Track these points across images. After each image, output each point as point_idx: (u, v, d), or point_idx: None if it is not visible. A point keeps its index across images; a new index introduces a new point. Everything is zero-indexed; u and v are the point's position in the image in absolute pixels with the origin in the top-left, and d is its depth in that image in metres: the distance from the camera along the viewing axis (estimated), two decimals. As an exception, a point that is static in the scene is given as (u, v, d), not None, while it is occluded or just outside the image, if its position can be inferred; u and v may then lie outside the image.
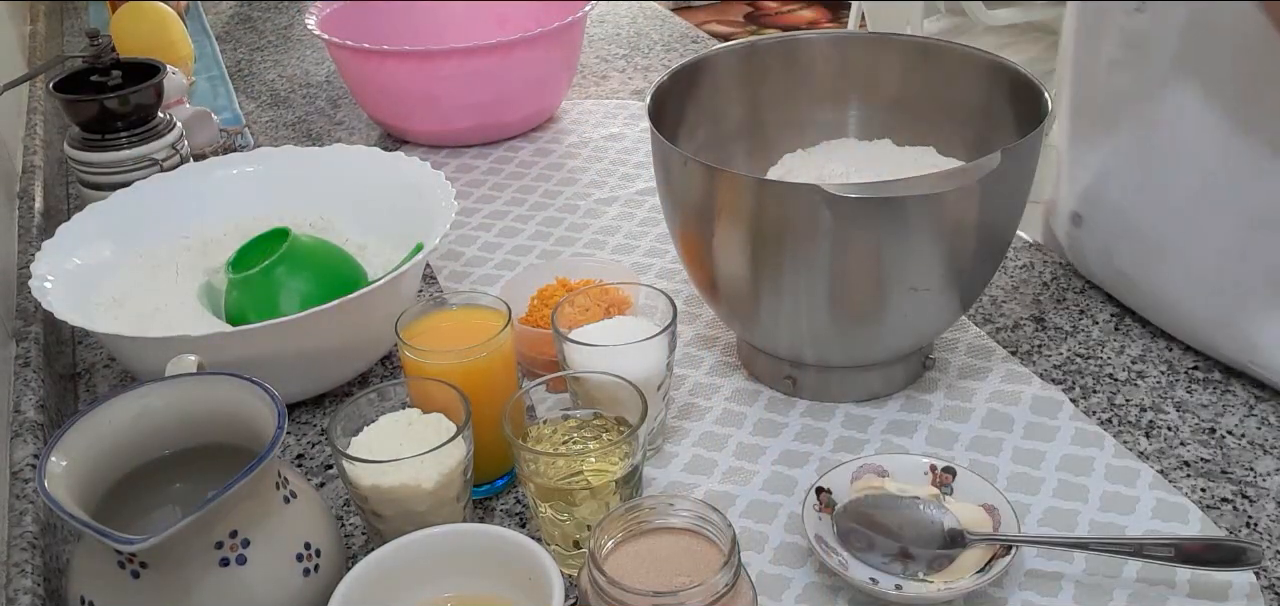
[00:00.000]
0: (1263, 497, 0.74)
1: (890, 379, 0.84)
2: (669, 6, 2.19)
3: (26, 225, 1.12)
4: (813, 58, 0.93)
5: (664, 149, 0.80)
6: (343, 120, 1.41)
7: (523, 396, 0.73)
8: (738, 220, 0.77)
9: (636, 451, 0.69)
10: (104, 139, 1.09)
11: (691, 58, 0.90)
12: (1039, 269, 1.00)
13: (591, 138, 1.31)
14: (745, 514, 0.75)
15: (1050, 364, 0.87)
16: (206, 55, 1.63)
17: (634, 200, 1.16)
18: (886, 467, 0.73)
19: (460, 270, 1.06)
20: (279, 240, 0.90)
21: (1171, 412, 0.82)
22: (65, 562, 0.75)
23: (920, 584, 0.67)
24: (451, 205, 0.94)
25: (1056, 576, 0.68)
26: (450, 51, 1.22)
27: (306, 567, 0.62)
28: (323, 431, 0.86)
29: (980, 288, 0.82)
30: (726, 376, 0.88)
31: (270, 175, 1.04)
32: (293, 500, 0.64)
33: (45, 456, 0.60)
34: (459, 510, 0.70)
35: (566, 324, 0.80)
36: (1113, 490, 0.75)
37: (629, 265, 1.03)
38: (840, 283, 0.76)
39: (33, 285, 0.85)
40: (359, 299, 0.82)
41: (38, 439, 0.81)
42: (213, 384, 0.66)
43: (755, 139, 0.94)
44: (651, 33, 1.65)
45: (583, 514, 0.68)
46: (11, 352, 0.90)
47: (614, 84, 1.47)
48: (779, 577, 0.70)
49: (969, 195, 0.74)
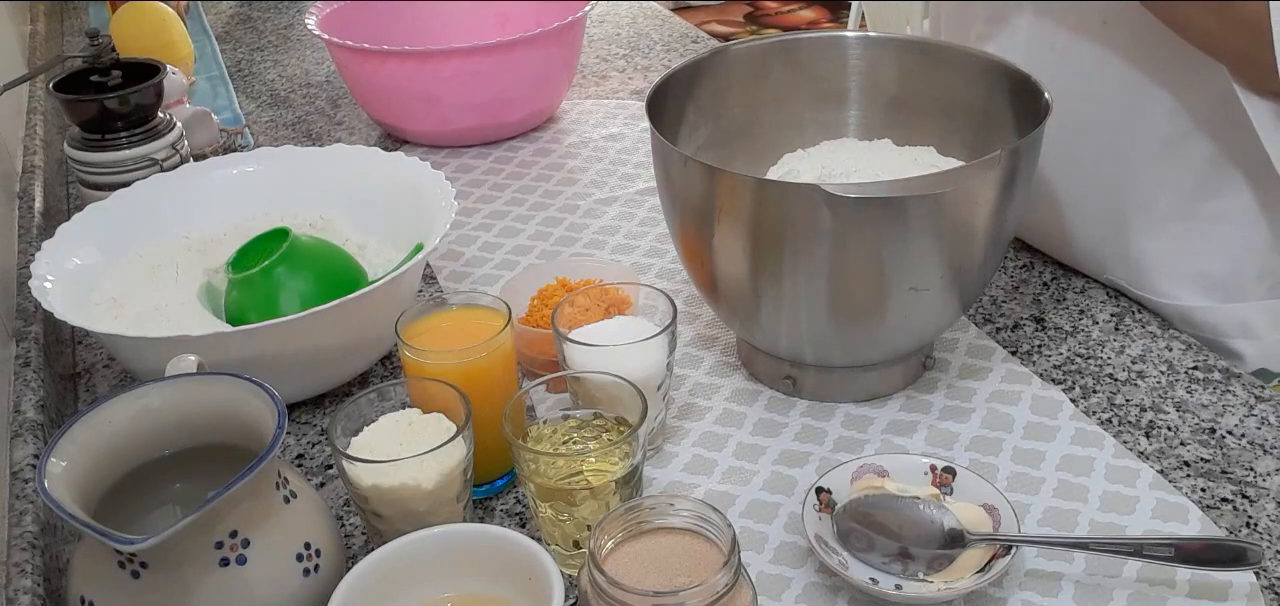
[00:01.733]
0: (1263, 497, 0.74)
1: (890, 379, 0.84)
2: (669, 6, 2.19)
3: (26, 225, 1.12)
4: (813, 58, 0.93)
5: (664, 149, 0.80)
6: (343, 120, 1.41)
7: (523, 396, 0.73)
8: (738, 220, 0.77)
9: (636, 451, 0.69)
10: (104, 139, 1.09)
11: (691, 58, 0.90)
12: (1039, 269, 1.00)
13: (591, 138, 1.31)
14: (745, 514, 0.75)
15: (1050, 364, 0.87)
16: (206, 55, 1.64)
17: (634, 200, 1.16)
18: (886, 467, 0.73)
19: (460, 270, 1.06)
20: (279, 240, 0.90)
21: (1171, 412, 0.82)
22: (65, 562, 0.75)
23: (920, 584, 0.67)
24: (451, 205, 0.94)
25: (1056, 576, 0.68)
26: (450, 51, 1.22)
27: (306, 567, 0.62)
28: (323, 431, 0.86)
29: (980, 288, 0.82)
30: (726, 376, 0.88)
31: (270, 175, 1.04)
32: (293, 500, 0.64)
33: (45, 456, 0.60)
34: (459, 510, 0.70)
35: (566, 324, 0.80)
36: (1113, 490, 0.75)
37: (629, 265, 1.03)
38: (840, 283, 0.76)
39: (33, 285, 0.85)
40: (359, 299, 0.82)
41: (38, 439, 0.81)
42: (213, 384, 0.66)
43: (755, 139, 0.94)
44: (651, 33, 1.65)
45: (583, 514, 0.68)
46: (11, 352, 0.90)
47: (614, 84, 1.47)
48: (779, 577, 0.70)
49: (969, 195, 0.74)
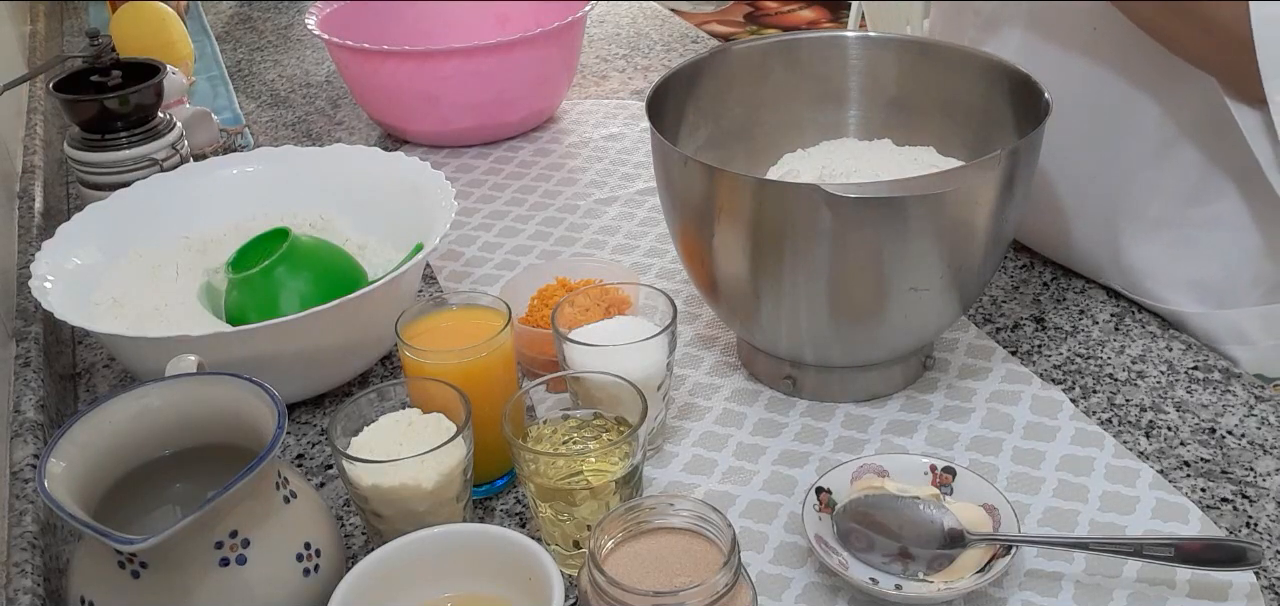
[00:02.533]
0: (1263, 497, 0.74)
1: (890, 379, 0.84)
2: (669, 6, 2.19)
3: (26, 225, 1.12)
4: (813, 58, 0.93)
5: (664, 149, 0.80)
6: (343, 120, 1.41)
7: (523, 396, 0.73)
8: (738, 220, 0.77)
9: (636, 451, 0.69)
10: (104, 139, 1.09)
11: (691, 58, 0.90)
12: (1039, 269, 1.00)
13: (591, 138, 1.31)
14: (745, 514, 0.75)
15: (1050, 364, 0.87)
16: (206, 55, 1.63)
17: (634, 200, 1.16)
18: (886, 467, 0.73)
19: (460, 270, 1.06)
20: (279, 240, 0.90)
21: (1171, 412, 0.82)
22: (65, 562, 0.75)
23: (920, 584, 0.67)
24: (451, 205, 0.94)
25: (1056, 576, 0.68)
26: (450, 51, 1.22)
27: (306, 567, 0.62)
28: (323, 431, 0.86)
29: (980, 288, 0.82)
30: (726, 376, 0.88)
31: (270, 175, 1.04)
32: (293, 500, 0.64)
33: (45, 456, 0.60)
34: (459, 510, 0.70)
35: (566, 324, 0.80)
36: (1113, 490, 0.75)
37: (629, 265, 1.03)
38: (840, 282, 0.76)
39: (33, 285, 0.85)
40: (359, 299, 0.82)
41: (38, 439, 0.81)
42: (213, 384, 0.66)
43: (755, 139, 0.93)
44: (651, 33, 1.65)
45: (583, 514, 0.68)
46: (11, 352, 0.90)
47: (614, 84, 1.47)
48: (779, 577, 0.70)
49: (969, 195, 0.74)
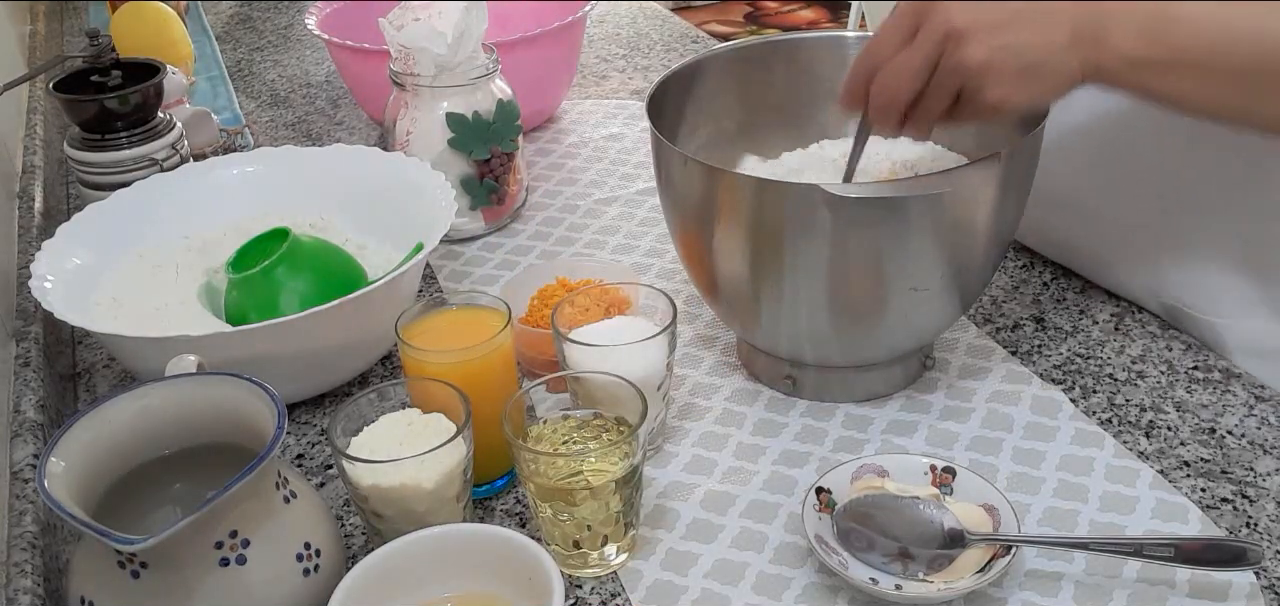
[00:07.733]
0: (1263, 497, 0.74)
1: (890, 379, 0.84)
2: (669, 6, 2.19)
3: (26, 225, 1.12)
4: (813, 58, 0.93)
5: (664, 149, 0.80)
6: (343, 120, 1.41)
7: (523, 396, 0.73)
8: (738, 220, 0.77)
9: (636, 451, 0.69)
10: (104, 139, 1.09)
11: (691, 58, 0.90)
12: (1039, 269, 1.00)
13: (591, 138, 1.31)
14: (745, 514, 0.75)
15: (1050, 364, 0.87)
16: (206, 55, 1.64)
17: (634, 200, 1.16)
18: (886, 467, 0.73)
19: (460, 270, 1.06)
20: (279, 240, 0.90)
21: (1171, 412, 0.82)
22: (65, 562, 0.75)
23: (920, 584, 0.67)
24: (451, 205, 0.94)
25: (1056, 576, 0.68)
26: (450, 51, 1.21)
27: (306, 567, 0.62)
28: (323, 431, 0.86)
29: (980, 288, 0.82)
30: (726, 376, 0.88)
31: (270, 175, 1.04)
32: (293, 500, 0.64)
33: (45, 456, 0.60)
34: (459, 510, 0.70)
35: (566, 324, 0.80)
36: (1113, 490, 0.75)
37: (629, 265, 1.03)
38: (840, 283, 0.76)
39: (33, 285, 0.85)
40: (359, 299, 0.82)
41: (38, 439, 0.81)
42: (213, 384, 0.66)
43: (755, 139, 0.93)
44: (651, 33, 1.65)
45: (583, 514, 0.68)
46: (11, 352, 0.90)
47: (614, 84, 1.47)
48: (779, 577, 0.70)
49: (969, 195, 0.74)
